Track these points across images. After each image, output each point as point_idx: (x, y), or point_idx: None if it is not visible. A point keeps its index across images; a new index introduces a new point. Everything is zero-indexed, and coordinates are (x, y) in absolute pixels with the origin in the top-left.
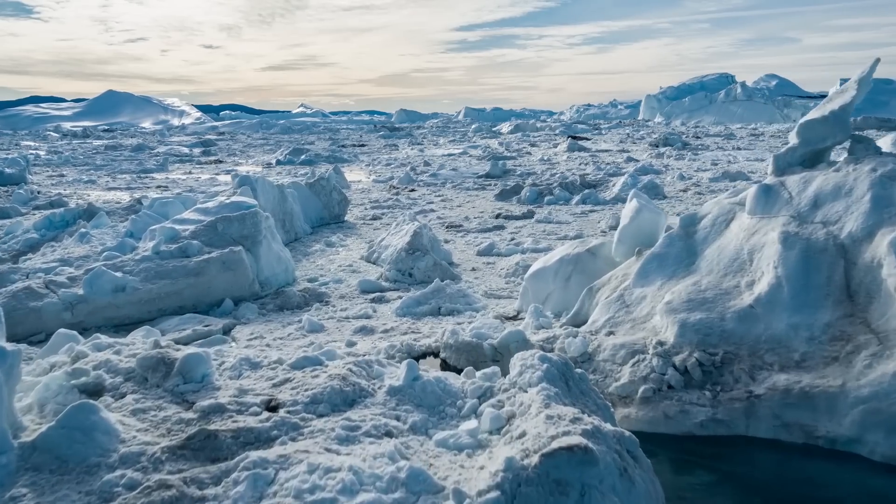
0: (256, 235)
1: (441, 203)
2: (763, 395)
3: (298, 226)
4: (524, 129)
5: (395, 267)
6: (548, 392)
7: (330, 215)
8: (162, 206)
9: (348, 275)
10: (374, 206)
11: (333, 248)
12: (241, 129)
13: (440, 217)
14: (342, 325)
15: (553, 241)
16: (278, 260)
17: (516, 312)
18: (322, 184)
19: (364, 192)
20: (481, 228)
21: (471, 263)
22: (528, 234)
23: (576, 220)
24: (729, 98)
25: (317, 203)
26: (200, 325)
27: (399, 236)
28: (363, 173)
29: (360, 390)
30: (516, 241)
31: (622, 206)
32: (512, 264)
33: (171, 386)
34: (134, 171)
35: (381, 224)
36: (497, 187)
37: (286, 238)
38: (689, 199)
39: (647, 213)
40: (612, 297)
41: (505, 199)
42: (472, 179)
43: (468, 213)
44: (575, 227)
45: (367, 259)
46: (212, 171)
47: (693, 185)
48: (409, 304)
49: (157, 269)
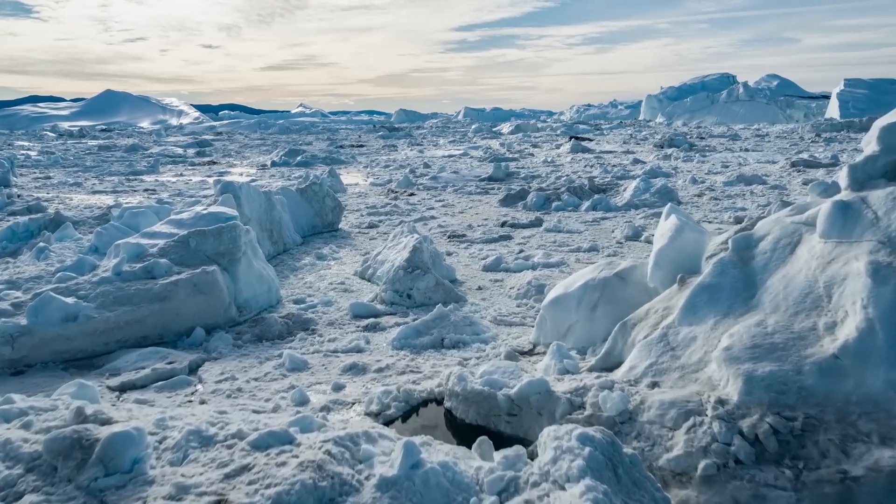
0: (235, 252)
1: (442, 209)
2: (863, 478)
3: (287, 236)
4: (525, 129)
5: (391, 287)
6: (595, 494)
7: (323, 223)
8: (132, 216)
9: (339, 295)
10: (370, 212)
11: (325, 262)
12: (239, 129)
13: (441, 225)
14: (329, 360)
15: (565, 253)
16: (260, 279)
17: (532, 345)
18: (314, 189)
19: (361, 196)
20: (486, 239)
21: (476, 281)
22: (537, 244)
23: (587, 228)
24: (731, 98)
25: (308, 210)
26: (163, 361)
27: (397, 250)
28: (360, 176)
29: (342, 484)
30: (525, 254)
31: (635, 212)
32: (523, 283)
33: (86, 480)
34: (123, 172)
35: (377, 233)
36: (500, 191)
37: (273, 250)
38: (705, 206)
39: (689, 233)
40: (653, 338)
41: (510, 205)
42: (474, 183)
43: (471, 220)
44: (587, 236)
45: (361, 275)
46: (204, 172)
47: (707, 190)
48: (408, 333)
49: (116, 293)
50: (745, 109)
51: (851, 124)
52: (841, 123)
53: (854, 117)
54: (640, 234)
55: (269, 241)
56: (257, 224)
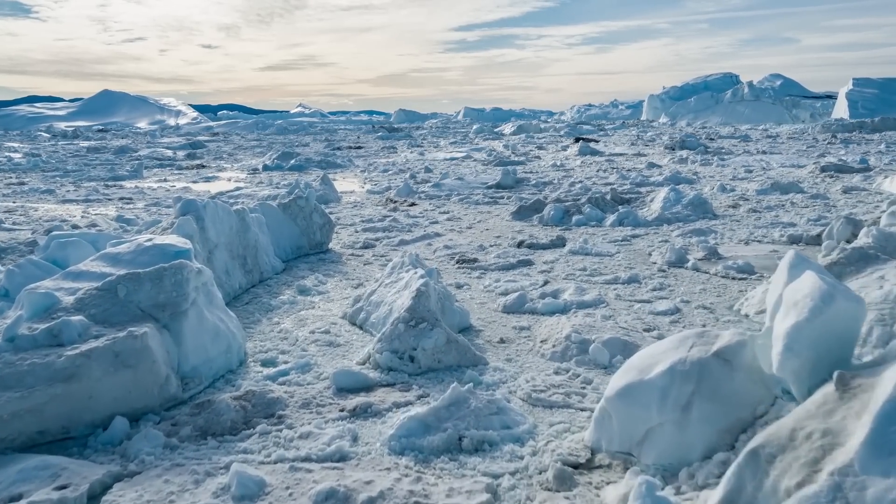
0: (180, 302)
1: (447, 223)
2: None
3: (265, 263)
4: (527, 129)
5: (389, 346)
6: None
7: (309, 244)
8: (61, 247)
9: (322, 351)
10: (366, 227)
11: (308, 298)
12: (237, 129)
13: (448, 246)
14: (297, 480)
15: (601, 286)
16: (215, 337)
17: (590, 453)
18: (299, 205)
19: (356, 206)
20: (502, 265)
21: (496, 328)
22: (564, 272)
23: (619, 249)
24: (736, 98)
25: (292, 229)
26: (51, 483)
27: (396, 289)
28: (357, 181)
29: None
30: (553, 289)
31: (668, 228)
32: (558, 337)
33: None
34: (103, 178)
35: (373, 256)
36: (511, 200)
37: (247, 281)
38: (746, 220)
39: (842, 303)
40: (817, 491)
41: (524, 219)
42: (480, 191)
43: (482, 238)
44: (621, 261)
45: (352, 320)
46: (190, 177)
47: (741, 200)
48: (412, 429)
49: (3, 370)
50: (751, 109)
51: (863, 125)
52: (853, 124)
53: (864, 117)
54: (686, 259)
55: (241, 271)
56: (226, 251)
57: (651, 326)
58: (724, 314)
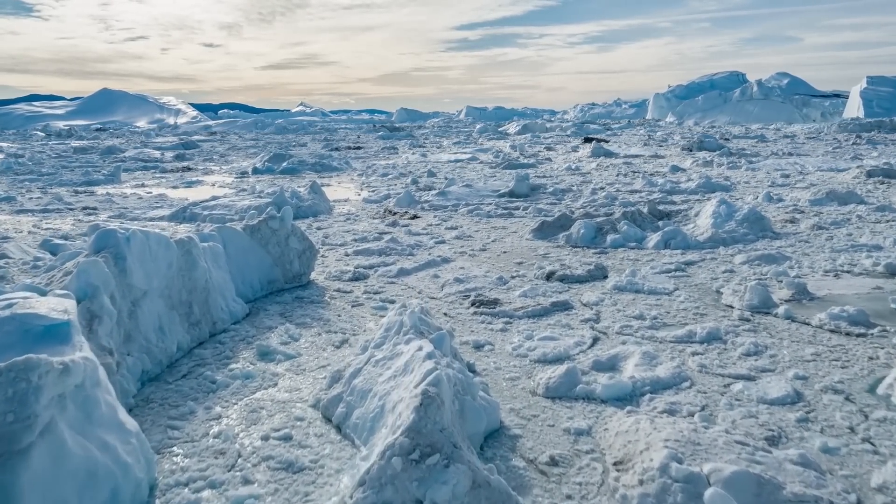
0: (19, 433)
1: (456, 243)
2: None
3: (219, 309)
4: (533, 129)
5: (378, 497)
6: None
7: (285, 276)
8: None
9: (274, 485)
10: (358, 248)
11: (269, 368)
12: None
13: (459, 279)
14: None
15: (672, 345)
16: (89, 480)
17: None
18: (272, 226)
19: (349, 219)
20: (533, 310)
21: (541, 432)
22: (614, 320)
23: (676, 284)
24: (745, 97)
25: (262, 258)
26: None
27: (390, 373)
28: (353, 187)
29: None
30: (609, 353)
31: (725, 251)
32: (649, 468)
33: None
34: (77, 182)
35: (365, 293)
36: (528, 212)
37: (190, 338)
38: (817, 241)
39: None
40: None
41: (548, 238)
42: (492, 200)
43: (500, 264)
44: (685, 301)
45: (326, 412)
46: (172, 182)
47: (796, 212)
48: None
49: None
50: (760, 108)
51: (882, 124)
52: (870, 123)
53: (880, 116)
54: (771, 302)
55: (182, 325)
56: (162, 299)
57: (775, 432)
58: (870, 405)
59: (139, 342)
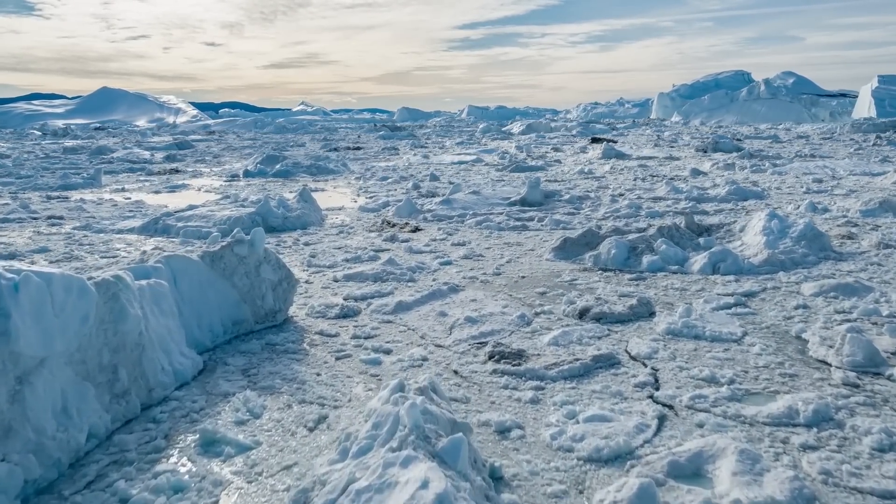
0: None
1: (465, 264)
2: None
3: (157, 370)
4: (537, 129)
5: None
6: None
7: (256, 315)
8: None
9: None
10: (350, 270)
11: (214, 463)
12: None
13: (472, 318)
14: None
15: (770, 430)
16: None
17: None
18: (238, 252)
19: (343, 232)
20: (569, 370)
21: None
22: (683, 387)
23: (742, 325)
24: (752, 96)
25: (226, 293)
26: None
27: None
28: (349, 192)
29: None
30: (689, 450)
31: (786, 276)
32: None
33: None
34: (53, 186)
35: (353, 338)
36: (544, 224)
37: (114, 417)
38: (890, 264)
39: None
40: None
41: (572, 258)
42: (502, 209)
43: (520, 295)
44: (760, 353)
45: None
46: (156, 185)
47: (849, 225)
48: None
49: None
50: (767, 108)
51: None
52: (885, 123)
53: (893, 116)
54: (879, 359)
55: (101, 399)
56: (69, 366)
57: None
58: None
59: (24, 437)
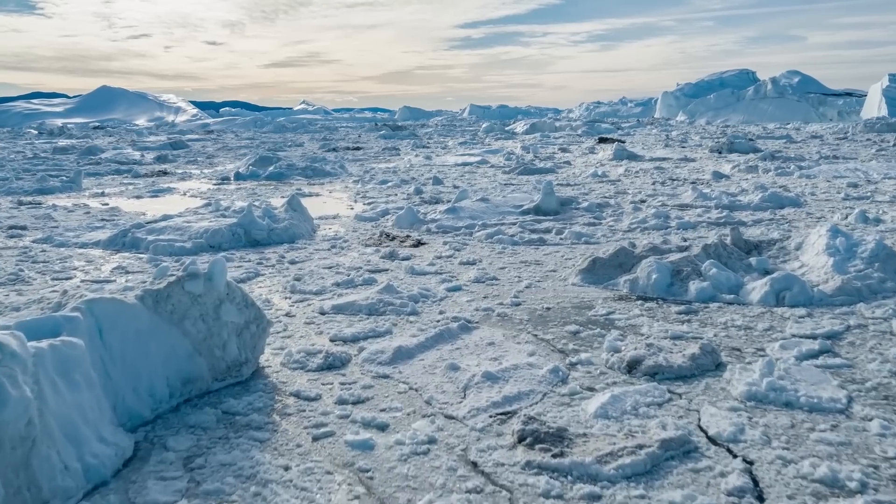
0: None
1: (477, 290)
2: None
3: (54, 472)
4: (541, 128)
5: None
6: None
7: (214, 369)
8: None
9: None
10: (339, 299)
11: None
12: (234, 126)
13: (491, 374)
14: None
15: None
16: None
17: None
18: (191, 290)
19: (335, 246)
20: (631, 466)
21: None
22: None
23: (841, 384)
24: (758, 95)
25: (175, 344)
26: None
27: None
28: (345, 197)
29: None
30: None
31: (867, 309)
32: None
33: None
34: (28, 190)
35: (337, 403)
36: (564, 237)
37: None
38: None
39: None
40: None
41: (603, 282)
42: (514, 218)
43: (548, 335)
44: (880, 430)
45: None
46: (140, 189)
47: None
48: None
49: None
50: (774, 107)
51: None
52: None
53: None
54: None
55: None
56: None
57: None
58: None
59: None
